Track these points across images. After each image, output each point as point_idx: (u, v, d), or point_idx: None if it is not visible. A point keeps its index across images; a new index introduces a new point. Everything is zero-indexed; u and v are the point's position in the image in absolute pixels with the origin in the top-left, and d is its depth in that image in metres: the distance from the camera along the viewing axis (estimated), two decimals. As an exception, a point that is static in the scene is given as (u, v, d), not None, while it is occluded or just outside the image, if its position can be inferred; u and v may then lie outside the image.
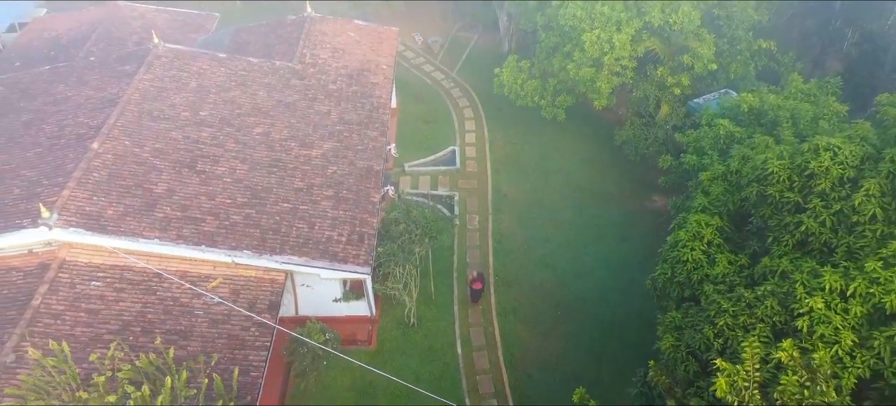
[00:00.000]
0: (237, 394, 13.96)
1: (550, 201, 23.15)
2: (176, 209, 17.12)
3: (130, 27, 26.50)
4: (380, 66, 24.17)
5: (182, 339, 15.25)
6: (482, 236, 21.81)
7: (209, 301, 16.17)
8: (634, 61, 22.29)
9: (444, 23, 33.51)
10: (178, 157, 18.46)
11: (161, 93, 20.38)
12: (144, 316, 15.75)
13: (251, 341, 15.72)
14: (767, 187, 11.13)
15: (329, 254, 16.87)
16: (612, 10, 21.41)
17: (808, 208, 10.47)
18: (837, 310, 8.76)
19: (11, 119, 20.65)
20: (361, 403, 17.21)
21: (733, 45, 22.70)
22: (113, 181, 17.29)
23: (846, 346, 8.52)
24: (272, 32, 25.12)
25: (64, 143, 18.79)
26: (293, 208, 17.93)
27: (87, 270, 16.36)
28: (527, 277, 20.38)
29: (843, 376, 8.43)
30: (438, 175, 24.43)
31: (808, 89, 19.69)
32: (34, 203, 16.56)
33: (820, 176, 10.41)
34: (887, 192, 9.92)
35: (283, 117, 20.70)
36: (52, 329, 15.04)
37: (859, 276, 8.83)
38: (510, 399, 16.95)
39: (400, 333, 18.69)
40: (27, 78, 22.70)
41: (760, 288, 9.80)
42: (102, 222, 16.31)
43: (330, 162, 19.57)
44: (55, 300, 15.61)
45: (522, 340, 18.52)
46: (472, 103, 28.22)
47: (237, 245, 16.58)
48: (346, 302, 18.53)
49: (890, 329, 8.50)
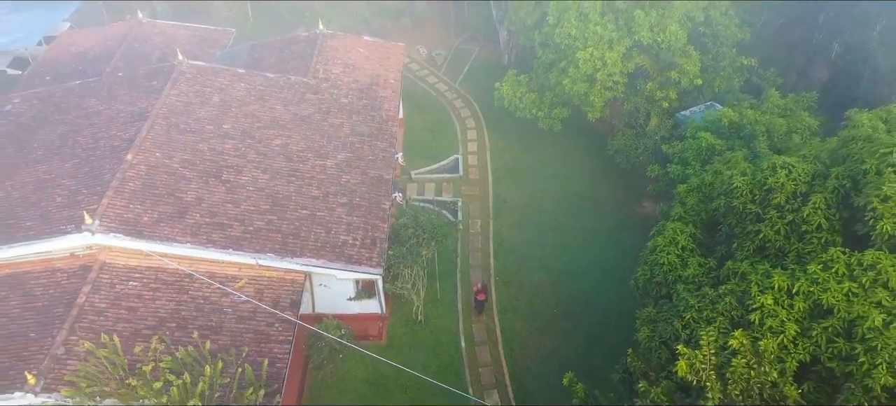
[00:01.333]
0: (265, 382, 15.61)
1: (547, 207, 24.79)
2: (205, 216, 18.76)
3: (153, 43, 28.15)
4: (388, 81, 25.82)
5: (213, 334, 16.85)
6: (484, 240, 23.46)
7: (236, 299, 17.81)
8: (625, 76, 23.92)
9: (447, 36, 35.16)
10: (204, 168, 20.11)
11: (187, 107, 22.01)
12: (178, 313, 17.39)
13: (275, 336, 17.35)
14: (733, 200, 12.77)
15: (344, 256, 18.52)
16: (604, 29, 23.03)
17: (766, 218, 12.10)
18: (784, 305, 10.37)
19: (48, 131, 22.31)
20: (374, 394, 18.82)
21: (718, 62, 24.33)
22: (147, 190, 18.93)
23: (790, 336, 10.13)
24: (287, 48, 26.77)
25: (99, 154, 20.43)
26: (311, 215, 19.58)
27: (125, 272, 18.02)
28: (525, 278, 22.02)
29: (787, 360, 10.04)
30: (443, 182, 26.08)
31: (784, 104, 21.30)
32: (76, 210, 18.21)
33: (776, 190, 12.04)
34: (832, 205, 11.55)
35: (300, 130, 22.34)
36: (96, 325, 16.67)
37: (803, 277, 10.45)
38: (509, 389, 18.60)
39: (408, 329, 20.32)
40: (60, 92, 24.34)
41: (722, 287, 11.44)
42: (139, 228, 17.95)
43: (343, 172, 21.22)
44: (98, 299, 17.25)
45: (521, 336, 20.16)
46: (473, 113, 29.87)
47: (261, 248, 18.22)
48: (359, 300, 20.14)
49: (826, 321, 10.12)
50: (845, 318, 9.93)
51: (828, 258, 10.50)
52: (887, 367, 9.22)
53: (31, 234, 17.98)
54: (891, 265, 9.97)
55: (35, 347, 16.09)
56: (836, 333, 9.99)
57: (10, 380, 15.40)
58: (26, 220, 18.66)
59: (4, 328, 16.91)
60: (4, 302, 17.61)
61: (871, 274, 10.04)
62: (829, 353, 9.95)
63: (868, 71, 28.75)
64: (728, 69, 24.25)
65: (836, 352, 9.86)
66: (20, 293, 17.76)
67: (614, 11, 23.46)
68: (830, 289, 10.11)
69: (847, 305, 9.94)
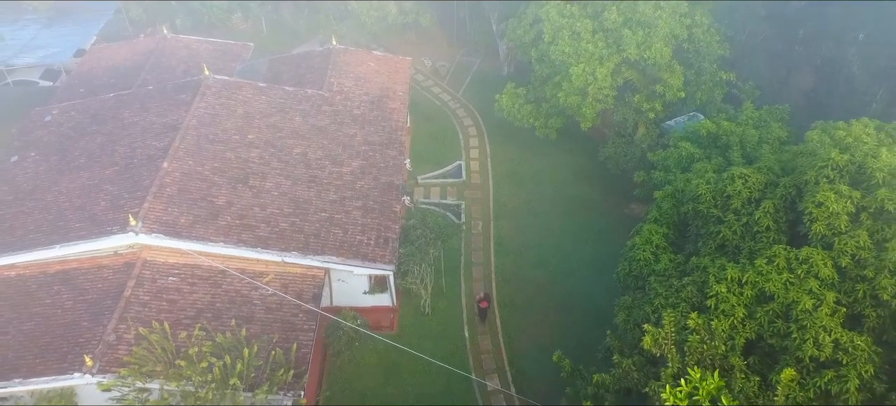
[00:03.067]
0: (294, 364, 17.75)
1: (543, 209, 26.93)
2: (235, 218, 20.91)
3: (178, 57, 30.28)
4: (396, 93, 27.97)
5: (245, 323, 18.97)
6: (485, 240, 25.61)
7: (264, 293, 19.97)
8: (615, 90, 26.06)
9: (450, 49, 37.32)
10: (233, 175, 22.26)
11: (214, 119, 24.15)
12: (213, 305, 19.55)
13: (300, 325, 19.50)
14: (699, 205, 14.89)
15: (360, 254, 20.66)
16: (595, 47, 25.18)
17: (725, 220, 14.22)
18: (735, 293, 12.45)
19: (88, 141, 24.47)
20: (386, 378, 20.95)
21: (700, 76, 26.46)
22: (182, 195, 21.08)
23: (739, 318, 12.21)
24: (303, 62, 28.93)
25: (137, 162, 22.58)
26: (329, 217, 21.73)
27: (165, 268, 20.19)
28: (523, 274, 24.15)
29: (736, 338, 12.13)
30: (447, 186, 28.24)
31: (758, 116, 23.44)
32: (120, 213, 20.37)
33: (734, 197, 14.15)
34: (780, 209, 13.66)
35: (317, 139, 24.49)
36: (141, 315, 18.83)
37: (751, 270, 12.53)
38: (508, 372, 20.75)
39: (417, 320, 22.44)
40: (96, 104, 26.49)
41: (686, 278, 13.53)
42: (177, 229, 20.10)
43: (358, 178, 23.37)
44: (141, 292, 19.41)
45: (519, 326, 22.28)
46: (475, 122, 32.03)
47: (286, 247, 20.36)
48: (373, 294, 22.27)
49: (768, 305, 12.20)
50: (783, 302, 12.05)
51: (772, 254, 12.62)
52: (814, 341, 11.34)
53: (81, 235, 20.14)
54: (820, 260, 12.10)
55: (88, 335, 18.26)
56: (775, 316, 12.11)
57: (69, 362, 17.60)
58: (75, 222, 20.83)
59: (60, 318, 19.12)
60: (58, 295, 19.82)
61: (805, 267, 12.16)
62: (770, 331, 12.07)
63: (843, 82, 30.84)
64: (709, 83, 26.38)
65: (776, 330, 11.98)
66: (72, 287, 19.96)
67: (604, 31, 25.61)
68: (772, 279, 12.23)
69: (785, 292, 12.06)
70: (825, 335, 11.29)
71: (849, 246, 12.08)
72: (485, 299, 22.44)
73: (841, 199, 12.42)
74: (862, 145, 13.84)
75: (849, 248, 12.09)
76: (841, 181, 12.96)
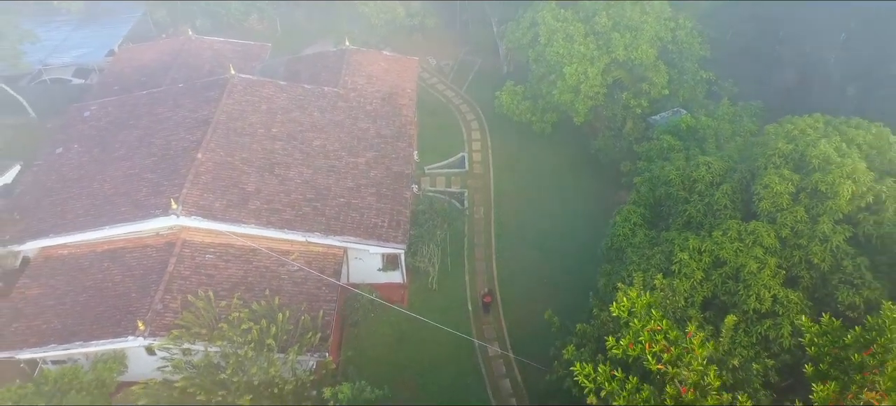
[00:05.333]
0: (321, 328, 20.30)
1: (540, 197, 29.43)
2: (263, 203, 23.42)
3: (203, 57, 32.74)
4: (405, 90, 30.45)
5: (275, 295, 21.54)
6: (486, 224, 28.13)
7: (291, 269, 22.51)
8: (605, 88, 28.53)
9: (454, 48, 39.76)
10: (260, 164, 24.75)
11: (241, 114, 26.61)
12: (246, 279, 22.08)
13: (323, 296, 22.03)
14: (670, 188, 17.39)
15: (375, 235, 23.18)
16: (587, 48, 27.66)
17: (691, 201, 16.72)
18: (695, 259, 14.94)
19: (126, 134, 26.95)
20: (398, 345, 23.46)
21: (682, 75, 28.93)
22: (216, 182, 23.57)
23: (697, 279, 14.68)
24: (319, 62, 31.39)
25: (173, 153, 25.05)
26: (347, 202, 24.24)
27: (202, 247, 22.72)
28: (521, 255, 26.67)
29: (695, 296, 14.62)
30: (451, 176, 30.75)
31: (733, 112, 25.91)
32: (161, 198, 22.86)
33: (699, 181, 16.64)
34: (737, 191, 16.16)
35: (334, 133, 26.97)
36: (183, 287, 21.37)
37: (709, 240, 15.02)
38: (507, 339, 23.31)
39: (425, 295, 24.97)
40: (131, 101, 28.96)
41: (656, 248, 16.03)
42: (213, 212, 22.59)
43: (372, 167, 25.87)
44: (183, 268, 21.95)
45: (517, 300, 24.81)
46: (477, 117, 34.50)
47: (310, 229, 22.87)
48: (386, 272, 24.80)
49: (722, 269, 14.71)
50: (734, 266, 14.55)
51: (726, 227, 15.12)
52: (756, 296, 13.85)
53: (126, 217, 22.65)
54: (765, 231, 14.60)
55: (137, 305, 20.81)
56: (727, 277, 14.61)
57: (123, 327, 20.16)
58: (120, 207, 23.34)
59: (112, 290, 21.69)
60: (109, 271, 22.39)
61: (752, 237, 14.65)
62: (722, 290, 14.59)
63: (819, 80, 33.25)
64: (691, 81, 28.86)
65: (727, 289, 14.49)
66: (120, 264, 22.52)
67: (595, 33, 28.09)
68: (725, 247, 14.73)
69: (735, 258, 14.55)
70: (766, 292, 13.81)
71: (788, 220, 14.58)
72: (488, 294, 24.75)
73: (783, 182, 14.91)
74: (805, 137, 16.27)
75: (788, 222, 14.58)
76: (785, 167, 15.44)
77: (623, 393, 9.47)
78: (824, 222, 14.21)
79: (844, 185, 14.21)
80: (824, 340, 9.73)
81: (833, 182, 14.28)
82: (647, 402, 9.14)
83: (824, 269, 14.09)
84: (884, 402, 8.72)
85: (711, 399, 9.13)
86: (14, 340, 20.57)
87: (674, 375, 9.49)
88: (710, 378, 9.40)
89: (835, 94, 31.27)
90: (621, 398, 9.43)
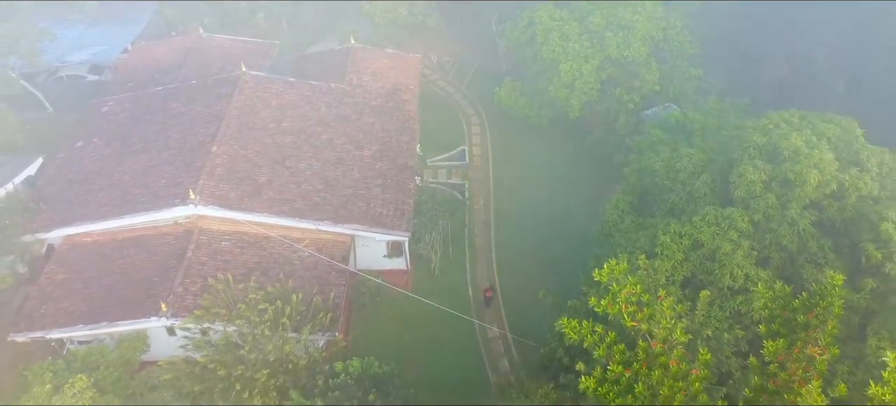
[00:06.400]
0: (332, 308, 21.74)
1: (536, 188, 30.82)
2: (275, 193, 24.82)
3: (213, 54, 34.07)
4: (408, 86, 31.83)
5: (288, 279, 22.98)
6: (485, 214, 29.57)
7: (302, 255, 23.96)
8: (599, 84, 29.93)
9: (454, 46, 41.13)
10: (271, 157, 26.14)
11: (252, 109, 27.99)
12: (260, 264, 23.51)
13: (332, 280, 23.48)
14: (656, 178, 18.82)
15: (382, 223, 24.60)
16: (581, 46, 29.05)
17: (674, 189, 18.16)
18: (676, 242, 16.37)
19: (143, 128, 28.34)
20: (402, 327, 24.89)
21: (673, 71, 30.34)
22: (230, 174, 24.96)
23: (678, 260, 16.11)
24: (325, 60, 32.76)
25: (189, 147, 26.42)
26: (354, 193, 25.65)
27: (218, 234, 24.15)
28: (518, 242, 28.10)
29: (676, 276, 16.06)
30: (452, 168, 32.17)
31: (721, 108, 27.30)
32: (179, 189, 24.24)
33: (681, 171, 18.07)
34: (716, 180, 17.60)
35: (341, 127, 28.35)
36: (202, 272, 22.79)
37: (689, 225, 16.46)
38: (505, 322, 24.79)
39: (428, 281, 26.40)
40: (146, 97, 30.34)
41: (642, 233, 17.47)
42: (229, 202, 23.99)
43: (377, 160, 27.27)
44: (201, 254, 23.35)
45: (514, 284, 26.24)
46: (476, 112, 35.90)
47: (320, 217, 24.29)
48: (391, 258, 26.25)
49: (700, 251, 16.15)
50: (711, 248, 16.00)
51: (705, 213, 16.58)
52: (730, 274, 15.30)
53: (147, 207, 24.07)
54: (739, 216, 16.05)
55: (160, 288, 22.24)
56: (705, 258, 16.07)
57: (147, 309, 21.60)
58: (140, 197, 24.74)
59: (135, 275, 23.13)
60: (131, 257, 23.82)
61: (728, 222, 16.10)
62: (700, 269, 16.06)
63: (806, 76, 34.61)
64: (681, 77, 30.27)
65: (704, 269, 15.94)
66: (142, 250, 23.95)
67: (589, 32, 29.48)
68: (704, 231, 16.18)
69: (712, 241, 16.00)
70: (739, 271, 15.27)
71: (761, 206, 16.03)
72: (489, 289, 26.12)
73: (757, 171, 16.35)
74: (778, 130, 17.66)
75: (761, 208, 16.03)
76: (759, 158, 16.88)
77: (602, 345, 10.90)
78: (793, 208, 15.65)
79: (811, 174, 15.64)
80: (776, 305, 11.17)
81: (801, 171, 15.72)
82: (623, 353, 10.56)
83: (792, 250, 15.54)
84: (823, 355, 10.18)
85: (677, 352, 10.54)
86: (44, 321, 22.05)
87: (645, 331, 10.90)
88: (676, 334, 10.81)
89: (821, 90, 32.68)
90: (601, 350, 10.85)
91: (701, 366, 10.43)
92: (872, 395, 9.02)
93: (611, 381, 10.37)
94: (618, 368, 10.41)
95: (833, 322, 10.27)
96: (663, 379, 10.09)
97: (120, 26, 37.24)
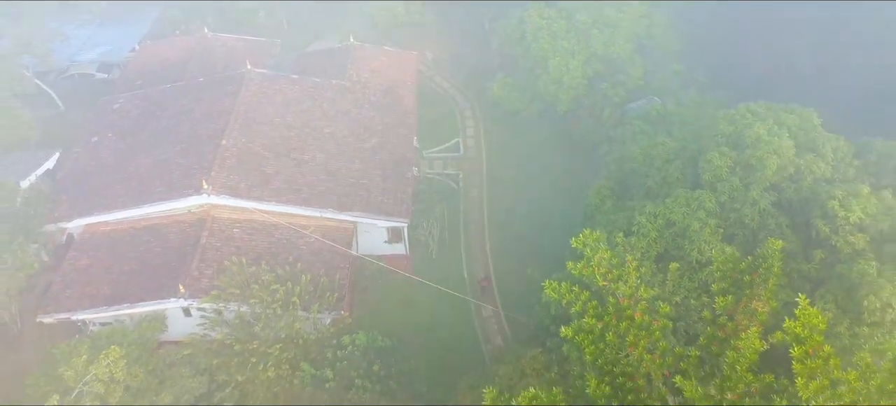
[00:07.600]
0: (338, 289, 23.46)
1: (527, 177, 32.50)
2: (282, 183, 26.47)
3: (218, 53, 35.64)
4: (405, 83, 33.50)
5: (296, 262, 24.66)
6: (479, 202, 31.30)
7: (308, 241, 25.66)
8: (586, 79, 31.68)
9: (449, 43, 42.71)
10: (278, 150, 27.78)
11: (258, 105, 29.58)
12: (269, 250, 25.19)
13: (337, 264, 25.17)
14: (634, 164, 20.62)
15: (383, 211, 26.32)
16: (569, 43, 30.80)
17: (650, 174, 19.96)
18: (651, 221, 18.15)
19: (154, 124, 29.93)
20: (403, 308, 26.60)
21: (656, 67, 32.11)
22: (240, 165, 26.59)
23: (652, 238, 17.90)
24: (326, 57, 34.37)
25: (199, 141, 27.99)
26: (356, 182, 27.33)
27: (229, 222, 25.80)
28: (509, 229, 29.83)
29: (650, 252, 17.84)
30: (448, 159, 33.88)
31: (700, 101, 29.14)
32: (192, 180, 25.85)
33: (656, 157, 19.87)
34: (687, 166, 19.41)
35: (343, 121, 30.01)
36: (216, 257, 24.44)
37: (662, 206, 18.25)
38: (498, 301, 26.59)
39: (426, 265, 28.13)
40: (156, 94, 31.90)
41: (620, 214, 19.27)
42: (239, 191, 25.63)
43: (377, 152, 28.96)
44: (214, 240, 25.00)
45: (506, 268, 28.00)
46: (470, 106, 37.59)
47: (324, 205, 25.99)
48: (390, 244, 27.98)
49: (672, 229, 17.96)
50: (682, 226, 17.80)
51: (676, 195, 18.39)
52: (697, 249, 17.10)
53: (162, 197, 25.70)
54: (707, 198, 17.87)
55: (177, 271, 23.89)
56: (676, 235, 17.87)
57: (165, 291, 23.27)
58: (156, 188, 26.36)
59: (153, 260, 24.78)
60: (148, 243, 25.47)
61: (697, 202, 17.91)
62: (672, 246, 17.88)
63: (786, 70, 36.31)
64: (664, 72, 32.05)
65: (676, 245, 17.75)
66: (158, 238, 25.60)
67: (576, 30, 31.23)
68: (675, 211, 17.99)
69: (683, 220, 17.80)
70: (706, 246, 17.08)
71: (726, 188, 17.83)
72: (486, 279, 27.82)
73: (723, 157, 18.15)
74: (744, 120, 19.46)
75: (726, 190, 17.84)
76: (725, 145, 18.69)
77: (578, 302, 12.67)
78: (755, 190, 17.46)
79: (771, 159, 17.45)
80: (727, 267, 12.97)
81: (762, 157, 17.52)
82: (596, 308, 12.32)
83: (754, 227, 17.35)
84: (765, 308, 11.99)
85: (641, 306, 12.29)
86: (70, 303, 23.71)
87: (615, 290, 12.66)
88: (641, 292, 12.59)
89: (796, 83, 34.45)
90: (578, 306, 12.62)
91: (661, 317, 12.21)
92: (787, 328, 10.83)
93: (586, 331, 12.13)
94: (592, 320, 12.18)
95: (773, 280, 12.06)
96: (629, 328, 11.85)
97: (127, 26, 38.71)
